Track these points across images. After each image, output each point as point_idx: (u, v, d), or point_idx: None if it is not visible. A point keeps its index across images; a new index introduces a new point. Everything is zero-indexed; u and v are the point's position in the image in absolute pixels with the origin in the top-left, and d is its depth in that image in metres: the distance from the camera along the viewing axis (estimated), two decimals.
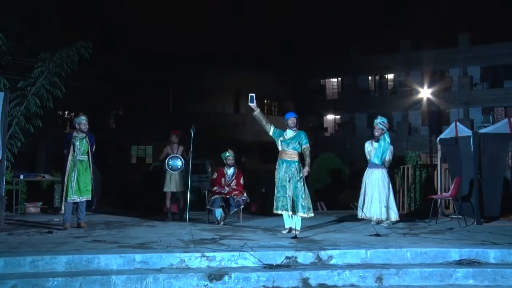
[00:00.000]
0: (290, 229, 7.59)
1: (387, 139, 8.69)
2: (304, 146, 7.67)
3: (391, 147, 8.86)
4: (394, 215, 8.68)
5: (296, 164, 7.65)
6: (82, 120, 8.19)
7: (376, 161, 8.72)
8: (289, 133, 7.81)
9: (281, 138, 7.82)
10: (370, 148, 8.93)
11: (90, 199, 8.23)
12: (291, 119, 7.81)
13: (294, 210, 7.48)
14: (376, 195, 8.65)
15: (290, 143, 7.71)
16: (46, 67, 10.34)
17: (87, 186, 8.13)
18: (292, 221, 7.59)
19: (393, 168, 10.71)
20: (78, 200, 8.12)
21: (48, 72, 10.35)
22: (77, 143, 8.12)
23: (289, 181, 7.54)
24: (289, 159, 7.67)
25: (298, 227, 7.52)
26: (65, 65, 10.42)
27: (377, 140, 8.80)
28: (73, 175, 8.03)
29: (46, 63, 10.36)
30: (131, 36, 33.01)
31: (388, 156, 8.80)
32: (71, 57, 10.40)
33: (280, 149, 7.82)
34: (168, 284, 5.23)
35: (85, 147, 8.17)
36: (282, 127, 7.97)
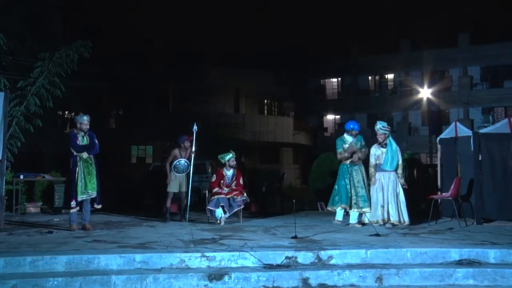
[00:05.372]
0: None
1: (393, 143, 8.69)
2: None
3: (398, 149, 8.77)
4: (407, 218, 8.55)
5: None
6: (84, 120, 8.06)
7: (389, 168, 8.62)
8: (349, 139, 9.00)
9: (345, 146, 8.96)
10: (379, 153, 8.80)
11: (95, 195, 8.06)
12: (355, 131, 9.00)
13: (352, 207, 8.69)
14: (392, 199, 8.54)
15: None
16: (46, 66, 10.34)
17: (93, 184, 8.02)
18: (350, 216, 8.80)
19: None
20: (85, 198, 7.98)
21: (48, 71, 10.36)
22: (80, 140, 8.03)
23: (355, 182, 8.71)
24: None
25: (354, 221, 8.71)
26: (65, 65, 10.42)
27: (383, 145, 8.76)
28: (81, 174, 7.92)
29: (45, 62, 10.36)
30: (131, 36, 32.98)
31: (399, 161, 8.75)
32: (71, 56, 10.40)
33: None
34: (168, 284, 5.23)
35: (87, 143, 8.07)
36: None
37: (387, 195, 8.58)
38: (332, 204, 8.98)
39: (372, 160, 8.84)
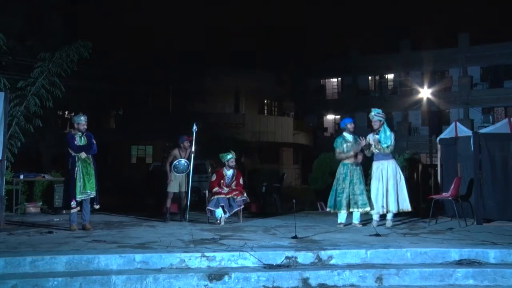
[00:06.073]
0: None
1: (388, 131, 8.51)
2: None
3: (392, 135, 8.57)
4: (408, 206, 8.43)
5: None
6: (82, 121, 8.05)
7: (382, 144, 8.46)
8: (350, 138, 8.86)
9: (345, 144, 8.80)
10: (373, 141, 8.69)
11: (95, 195, 8.04)
12: (351, 124, 8.94)
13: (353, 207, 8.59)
14: (391, 189, 8.37)
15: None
16: (46, 67, 10.34)
17: (92, 183, 8.00)
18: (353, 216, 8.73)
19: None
20: (84, 197, 7.97)
21: (48, 72, 10.35)
22: (77, 141, 8.04)
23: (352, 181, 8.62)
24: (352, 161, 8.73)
25: (357, 221, 8.67)
26: (65, 65, 10.42)
27: (378, 133, 8.61)
28: (79, 174, 7.91)
29: (45, 63, 10.36)
30: (131, 36, 33.00)
31: (390, 144, 8.54)
32: (71, 56, 10.40)
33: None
34: (168, 284, 5.23)
35: (84, 143, 8.07)
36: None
37: (386, 185, 8.39)
38: (334, 207, 8.74)
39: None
